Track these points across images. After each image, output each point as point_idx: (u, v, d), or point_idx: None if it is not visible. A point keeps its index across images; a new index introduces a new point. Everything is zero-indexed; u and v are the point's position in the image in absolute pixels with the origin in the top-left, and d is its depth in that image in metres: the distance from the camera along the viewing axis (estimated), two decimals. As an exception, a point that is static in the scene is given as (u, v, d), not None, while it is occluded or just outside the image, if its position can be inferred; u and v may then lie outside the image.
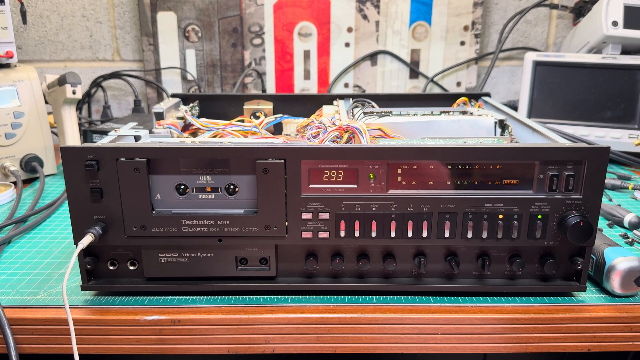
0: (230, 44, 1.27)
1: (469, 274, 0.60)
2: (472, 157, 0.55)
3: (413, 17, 1.26)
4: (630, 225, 0.76)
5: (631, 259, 0.59)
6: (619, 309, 0.58)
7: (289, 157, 0.55)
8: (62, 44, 1.31)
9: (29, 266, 0.67)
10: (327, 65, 1.29)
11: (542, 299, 0.60)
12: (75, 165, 0.55)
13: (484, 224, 0.57)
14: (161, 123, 0.77)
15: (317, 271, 0.60)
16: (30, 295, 0.60)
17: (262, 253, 0.59)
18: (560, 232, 0.57)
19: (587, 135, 1.07)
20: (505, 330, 0.57)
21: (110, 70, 1.31)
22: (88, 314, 0.57)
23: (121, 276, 0.60)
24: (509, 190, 0.57)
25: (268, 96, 0.94)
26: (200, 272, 0.59)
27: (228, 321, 0.57)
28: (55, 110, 1.00)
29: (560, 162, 0.55)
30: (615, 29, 1.05)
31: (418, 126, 0.72)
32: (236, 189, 0.57)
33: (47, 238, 0.75)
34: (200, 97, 0.93)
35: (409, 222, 0.57)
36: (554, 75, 1.10)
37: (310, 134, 0.68)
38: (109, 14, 1.29)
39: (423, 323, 0.57)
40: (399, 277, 0.61)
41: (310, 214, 0.57)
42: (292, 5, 1.25)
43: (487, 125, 0.71)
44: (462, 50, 1.28)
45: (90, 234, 0.55)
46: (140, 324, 0.57)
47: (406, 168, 0.56)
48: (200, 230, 0.57)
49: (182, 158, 0.56)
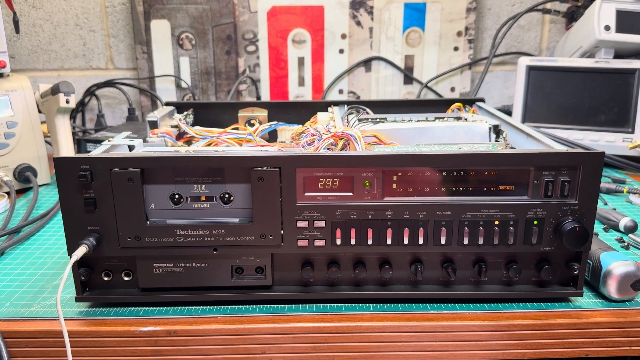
0: (224, 51, 1.27)
1: (466, 281, 0.60)
2: (466, 163, 0.55)
3: (406, 23, 1.26)
4: (626, 229, 0.76)
5: (627, 263, 0.59)
6: (616, 314, 0.58)
7: (284, 165, 0.55)
8: (55, 53, 1.30)
9: (23, 278, 0.66)
10: (321, 72, 1.29)
11: (539, 304, 0.60)
12: (69, 176, 0.54)
13: (480, 231, 0.57)
14: (155, 132, 0.77)
15: (314, 280, 0.60)
16: (24, 308, 0.60)
17: (257, 262, 0.59)
18: (556, 237, 0.57)
19: (581, 139, 1.07)
20: (503, 337, 0.57)
21: (104, 79, 1.31)
22: (83, 325, 0.57)
23: (116, 287, 0.60)
24: (504, 196, 0.56)
25: (263, 103, 0.94)
26: (196, 282, 0.59)
27: (224, 331, 0.56)
28: (49, 119, 0.99)
29: (555, 168, 0.55)
30: (607, 34, 1.05)
31: (413, 132, 0.72)
32: (231, 197, 0.57)
33: (41, 249, 0.75)
34: (195, 105, 0.92)
35: (405, 229, 0.57)
36: (548, 79, 1.10)
37: (305, 141, 0.68)
38: (102, 22, 1.28)
39: (420, 331, 0.57)
40: (396, 285, 0.60)
41: (306, 222, 0.57)
42: (285, 12, 1.25)
43: (481, 130, 0.71)
44: (455, 55, 1.28)
45: (84, 245, 0.54)
46: (136, 335, 0.56)
47: (401, 175, 0.56)
48: (195, 240, 0.57)
49: (176, 167, 0.55)
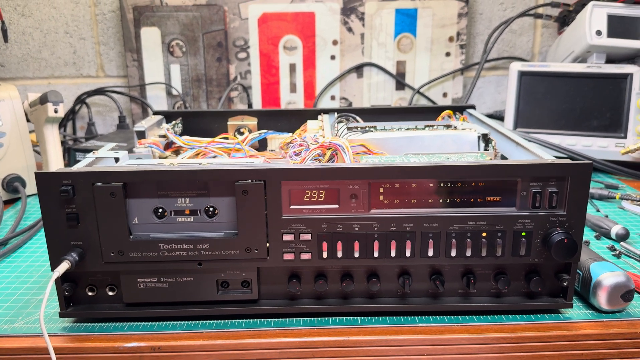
0: (215, 58, 1.27)
1: (455, 293, 0.60)
2: (453, 175, 0.55)
3: (398, 29, 1.25)
4: (618, 237, 0.76)
5: (617, 274, 0.58)
6: (606, 326, 0.57)
7: (268, 178, 0.54)
8: (45, 61, 1.29)
9: (8, 292, 0.66)
10: (313, 78, 1.29)
11: (528, 316, 0.59)
12: (51, 190, 0.53)
13: (467, 242, 0.56)
14: (142, 142, 0.76)
15: (300, 293, 0.59)
16: (7, 324, 0.59)
17: (243, 276, 0.58)
18: (545, 249, 0.56)
19: (574, 145, 1.07)
20: (492, 350, 0.56)
21: (95, 87, 1.30)
22: (67, 341, 0.56)
23: (100, 302, 0.59)
24: (492, 208, 0.56)
25: (252, 112, 0.94)
26: (181, 297, 0.58)
27: (209, 347, 0.56)
28: (38, 129, 0.98)
29: (543, 179, 0.55)
30: (599, 38, 1.05)
31: (401, 142, 0.71)
32: (216, 211, 0.56)
33: (28, 261, 0.74)
34: (184, 114, 0.92)
35: (392, 241, 0.56)
36: (540, 85, 1.10)
37: (292, 152, 0.67)
38: (93, 30, 1.28)
39: (408, 345, 0.56)
40: (384, 297, 0.60)
41: (292, 236, 0.56)
42: (276, 19, 1.24)
43: (470, 139, 0.70)
44: (447, 61, 1.28)
45: (66, 261, 0.53)
46: (120, 351, 0.55)
47: (388, 187, 0.55)
48: (180, 255, 0.56)
49: (159, 181, 0.55)
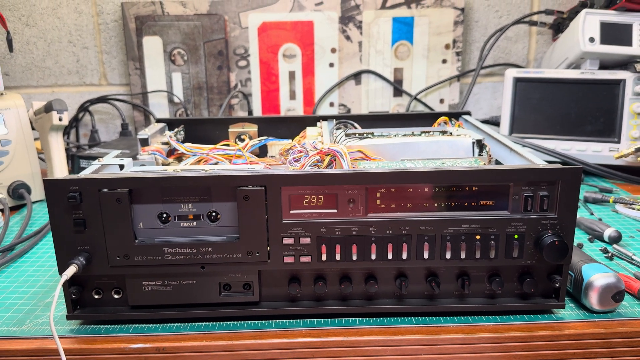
0: (216, 66, 1.29)
1: (450, 294, 0.61)
2: (448, 179, 0.57)
3: (395, 37, 1.28)
4: (610, 239, 0.78)
5: (608, 275, 0.60)
6: (597, 325, 0.59)
7: (269, 184, 0.56)
8: (49, 70, 1.32)
9: (15, 296, 0.67)
10: (312, 85, 1.31)
11: (522, 317, 0.61)
12: (58, 197, 0.55)
13: (462, 245, 0.58)
14: (146, 149, 0.78)
15: (300, 295, 0.61)
16: (16, 326, 0.60)
17: (245, 279, 0.60)
18: (537, 251, 0.58)
19: (568, 150, 1.09)
20: (487, 350, 0.58)
21: (98, 95, 1.32)
22: (74, 343, 0.58)
23: (106, 305, 0.61)
24: (485, 211, 0.58)
25: (253, 119, 0.96)
26: (184, 299, 0.60)
27: (212, 348, 0.57)
28: (42, 136, 1.01)
29: (534, 183, 0.57)
30: (592, 45, 1.07)
31: (398, 147, 0.73)
32: (218, 216, 0.58)
33: (34, 266, 0.76)
34: (186, 122, 0.94)
35: (388, 244, 0.58)
36: (535, 91, 1.12)
37: (292, 158, 0.69)
38: (95, 39, 1.30)
39: (405, 345, 0.58)
40: (382, 299, 0.62)
41: (292, 239, 0.58)
42: (276, 28, 1.27)
43: (465, 145, 0.72)
44: (444, 68, 1.30)
45: (74, 265, 0.55)
46: (126, 352, 0.57)
47: (385, 192, 0.57)
48: (183, 258, 0.58)
49: (163, 187, 0.57)
